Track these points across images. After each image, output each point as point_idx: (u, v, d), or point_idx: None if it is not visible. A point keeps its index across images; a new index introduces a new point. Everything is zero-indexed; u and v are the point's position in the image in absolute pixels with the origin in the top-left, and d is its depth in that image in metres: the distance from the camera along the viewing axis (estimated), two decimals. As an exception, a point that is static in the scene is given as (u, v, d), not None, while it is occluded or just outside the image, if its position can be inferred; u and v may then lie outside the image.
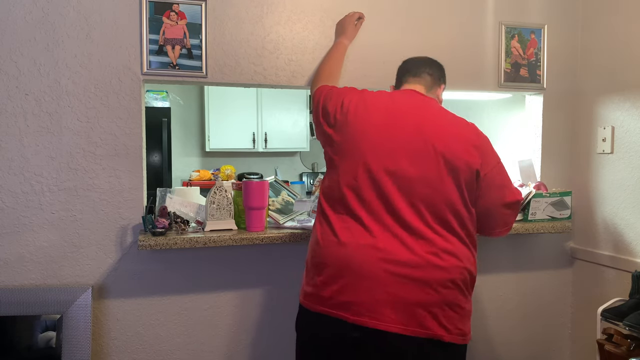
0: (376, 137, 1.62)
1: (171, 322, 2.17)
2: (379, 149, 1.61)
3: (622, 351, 2.03)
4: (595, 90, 2.49)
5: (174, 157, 5.10)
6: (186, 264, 2.17)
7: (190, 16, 2.11)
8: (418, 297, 1.50)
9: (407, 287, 1.50)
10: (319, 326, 1.61)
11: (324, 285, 1.58)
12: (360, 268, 1.53)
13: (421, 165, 1.58)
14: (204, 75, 2.13)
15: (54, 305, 1.98)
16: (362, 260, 1.54)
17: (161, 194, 2.22)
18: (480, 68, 2.46)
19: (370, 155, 1.60)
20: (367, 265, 1.53)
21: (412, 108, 1.68)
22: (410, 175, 1.57)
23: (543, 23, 2.52)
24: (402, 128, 1.62)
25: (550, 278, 2.64)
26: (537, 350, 2.65)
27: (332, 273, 1.57)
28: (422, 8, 2.38)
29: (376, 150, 1.61)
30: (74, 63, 2.02)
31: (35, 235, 2.02)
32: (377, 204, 1.58)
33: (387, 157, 1.59)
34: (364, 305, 1.51)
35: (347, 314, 1.53)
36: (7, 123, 1.98)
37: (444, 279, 1.53)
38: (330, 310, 1.56)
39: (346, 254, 1.56)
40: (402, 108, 1.67)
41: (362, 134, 1.64)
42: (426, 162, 1.58)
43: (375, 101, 1.70)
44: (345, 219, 1.61)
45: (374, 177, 1.59)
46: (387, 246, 1.54)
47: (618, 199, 2.38)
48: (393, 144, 1.60)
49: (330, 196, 1.66)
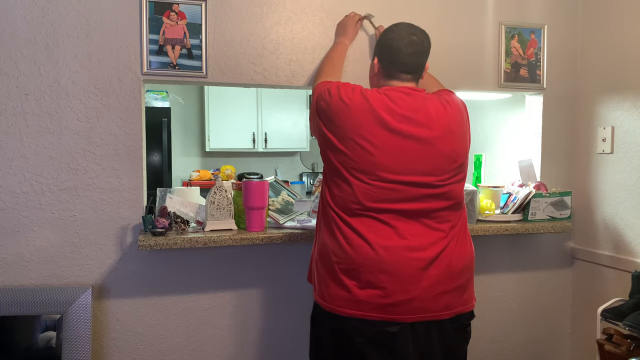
0: (388, 146, 1.61)
1: (171, 322, 2.17)
2: (392, 157, 1.61)
3: (622, 351, 2.03)
4: (595, 90, 2.49)
5: (174, 157, 5.10)
6: (186, 264, 2.17)
7: (190, 16, 2.11)
8: (446, 286, 1.61)
9: (437, 280, 1.60)
10: (355, 330, 1.61)
11: (358, 289, 1.58)
12: (396, 270, 1.57)
13: (431, 167, 1.62)
14: (204, 75, 2.13)
15: (54, 305, 1.98)
16: (396, 261, 1.58)
17: (161, 194, 2.22)
18: (480, 68, 2.46)
19: (384, 164, 1.60)
20: (402, 267, 1.58)
21: (415, 112, 1.65)
22: (426, 180, 1.61)
23: (543, 23, 2.52)
24: (410, 135, 1.62)
25: (550, 278, 2.64)
26: (537, 350, 2.65)
27: (367, 277, 1.58)
28: (422, 8, 2.38)
29: (389, 158, 1.60)
30: (74, 63, 2.02)
31: (35, 235, 2.02)
32: (397, 206, 1.60)
33: (400, 163, 1.60)
34: (402, 305, 1.57)
35: (386, 314, 1.58)
36: (7, 123, 1.98)
37: (465, 266, 1.67)
38: (368, 313, 1.58)
39: (380, 258, 1.58)
40: (404, 115, 1.64)
41: (371, 145, 1.61)
42: (435, 162, 1.62)
43: (380, 106, 1.65)
44: (368, 222, 1.61)
45: (390, 186, 1.60)
46: (416, 245, 1.59)
47: (618, 199, 2.38)
48: (404, 150, 1.61)
49: (345, 206, 1.64)
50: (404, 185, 1.60)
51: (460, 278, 1.65)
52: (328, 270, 1.65)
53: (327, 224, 1.68)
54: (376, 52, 1.78)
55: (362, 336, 1.60)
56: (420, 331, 1.61)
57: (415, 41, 1.71)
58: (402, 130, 1.60)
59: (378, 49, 1.77)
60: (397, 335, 1.59)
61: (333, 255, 1.63)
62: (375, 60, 1.77)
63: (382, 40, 1.76)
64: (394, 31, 1.73)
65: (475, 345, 2.55)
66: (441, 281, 1.60)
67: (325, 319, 1.67)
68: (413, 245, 1.59)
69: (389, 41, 1.73)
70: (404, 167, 1.60)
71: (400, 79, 1.72)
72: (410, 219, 1.61)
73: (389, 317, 1.58)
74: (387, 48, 1.73)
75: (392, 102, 1.64)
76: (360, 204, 1.60)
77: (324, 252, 1.67)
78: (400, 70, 1.71)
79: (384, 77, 1.75)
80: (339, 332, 1.65)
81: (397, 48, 1.70)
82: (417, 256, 1.58)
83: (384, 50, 1.74)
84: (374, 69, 1.78)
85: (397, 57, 1.71)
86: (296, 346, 2.30)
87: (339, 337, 1.65)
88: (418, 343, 1.61)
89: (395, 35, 1.72)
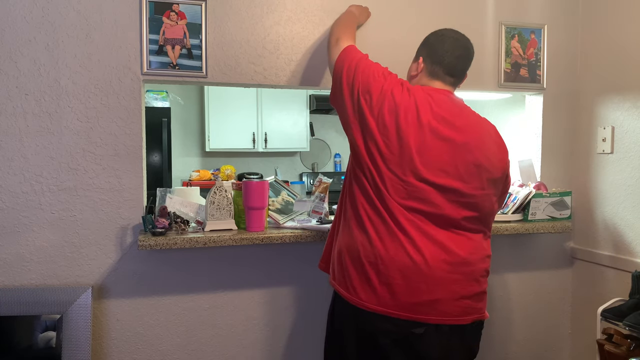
0: (425, 144, 1.61)
1: (171, 322, 2.17)
2: (428, 155, 1.61)
3: (622, 351, 2.03)
4: (595, 90, 2.49)
5: (174, 157, 5.10)
6: (186, 264, 2.17)
7: (190, 16, 2.11)
8: (468, 292, 1.64)
9: (461, 285, 1.62)
10: (381, 330, 1.61)
11: (385, 287, 1.59)
12: (423, 270, 1.58)
13: (463, 171, 1.62)
14: (204, 75, 2.13)
15: (54, 305, 1.98)
16: (424, 262, 1.59)
17: (161, 194, 2.22)
18: (480, 68, 2.46)
19: (419, 164, 1.60)
20: (429, 268, 1.59)
21: (452, 118, 1.65)
22: (455, 186, 1.62)
23: (543, 23, 2.52)
24: (448, 138, 1.63)
25: (550, 278, 2.64)
26: (537, 350, 2.65)
27: (395, 275, 1.59)
28: (422, 8, 2.38)
29: (425, 156, 1.61)
30: (74, 63, 2.02)
31: (35, 235, 2.02)
32: (425, 207, 1.61)
33: (434, 163, 1.61)
34: (429, 305, 1.59)
35: (411, 314, 1.59)
36: (7, 123, 1.98)
37: (483, 276, 1.70)
38: (394, 311, 1.59)
39: (409, 258, 1.59)
40: (445, 118, 1.64)
41: (407, 143, 1.61)
42: (467, 168, 1.63)
43: (423, 105, 1.65)
44: (395, 219, 1.61)
45: (421, 185, 1.60)
46: (442, 247, 1.60)
47: (618, 199, 2.38)
48: (440, 150, 1.62)
49: (371, 200, 1.64)
50: (434, 187, 1.60)
51: (479, 286, 1.68)
52: (355, 263, 1.65)
53: (355, 215, 1.67)
54: (421, 52, 1.79)
55: (388, 337, 1.61)
56: (444, 333, 1.62)
57: (463, 45, 1.75)
58: (441, 131, 1.61)
59: (424, 49, 1.78)
60: (423, 337, 1.60)
61: (362, 249, 1.63)
62: (420, 60, 1.77)
63: (430, 40, 1.77)
64: (443, 34, 1.75)
65: (475, 345, 2.55)
66: (464, 286, 1.63)
67: (349, 313, 1.67)
68: (440, 248, 1.60)
69: (439, 42, 1.74)
70: (437, 167, 1.60)
71: (443, 81, 1.73)
72: (436, 221, 1.62)
73: (414, 317, 1.59)
74: (435, 48, 1.74)
75: (435, 103, 1.65)
76: (391, 198, 1.60)
77: (352, 245, 1.66)
78: (445, 71, 1.72)
79: (427, 76, 1.75)
80: (362, 331, 1.65)
81: (446, 50, 1.72)
82: (443, 258, 1.60)
83: (432, 50, 1.75)
84: (417, 69, 1.77)
85: (444, 58, 1.72)
86: (297, 345, 2.30)
87: (362, 335, 1.65)
88: (441, 344, 1.63)
89: (445, 37, 1.74)
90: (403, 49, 2.34)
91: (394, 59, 2.35)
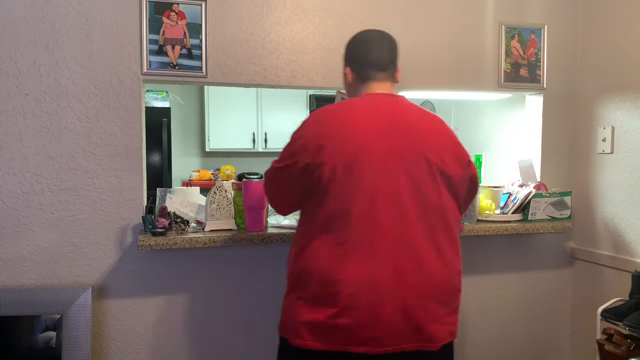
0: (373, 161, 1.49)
1: (171, 322, 2.17)
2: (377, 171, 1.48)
3: (622, 351, 2.03)
4: (595, 90, 2.49)
5: (174, 157, 5.10)
6: (186, 264, 2.17)
7: (190, 16, 2.11)
8: (427, 316, 1.46)
9: (419, 310, 1.45)
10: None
11: (337, 319, 1.42)
12: (378, 298, 1.42)
13: (420, 181, 1.49)
14: (204, 75, 2.13)
15: (54, 305, 1.98)
16: (377, 288, 1.43)
17: (161, 194, 2.22)
18: (480, 68, 2.46)
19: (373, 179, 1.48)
20: (383, 296, 1.43)
21: (394, 122, 1.52)
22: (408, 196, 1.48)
23: (543, 23, 2.52)
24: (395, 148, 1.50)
25: (550, 278, 2.64)
26: (537, 350, 2.65)
27: (349, 304, 1.42)
28: (422, 8, 2.38)
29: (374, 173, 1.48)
30: (74, 63, 2.02)
31: (35, 235, 2.02)
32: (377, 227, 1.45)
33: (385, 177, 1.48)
34: (385, 339, 1.43)
35: (368, 348, 1.43)
36: (7, 123, 1.98)
37: (446, 291, 1.51)
38: (348, 347, 1.43)
39: (362, 284, 1.42)
40: (385, 124, 1.51)
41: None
42: (424, 176, 1.50)
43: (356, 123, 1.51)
44: (345, 243, 1.44)
45: (374, 201, 1.46)
46: (398, 271, 1.44)
47: (618, 199, 2.38)
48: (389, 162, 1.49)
49: (319, 221, 1.49)
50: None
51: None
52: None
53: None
54: (346, 62, 1.68)
55: None
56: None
57: (380, 36, 1.65)
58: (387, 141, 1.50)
59: (347, 58, 1.68)
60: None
61: None
62: (347, 70, 1.67)
63: (348, 47, 1.69)
64: (358, 37, 1.67)
65: (476, 345, 2.55)
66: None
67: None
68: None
69: (355, 44, 1.67)
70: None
71: (376, 79, 1.62)
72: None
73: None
74: (355, 50, 1.66)
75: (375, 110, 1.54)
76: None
77: None
78: (374, 67, 1.62)
79: (360, 81, 1.64)
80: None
81: (365, 47, 1.64)
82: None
83: (353, 54, 1.67)
84: (348, 78, 1.67)
85: (368, 55, 1.63)
86: (296, 346, 2.30)
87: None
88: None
89: (360, 37, 1.67)
90: (403, 49, 2.34)
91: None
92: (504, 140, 3.02)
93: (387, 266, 1.43)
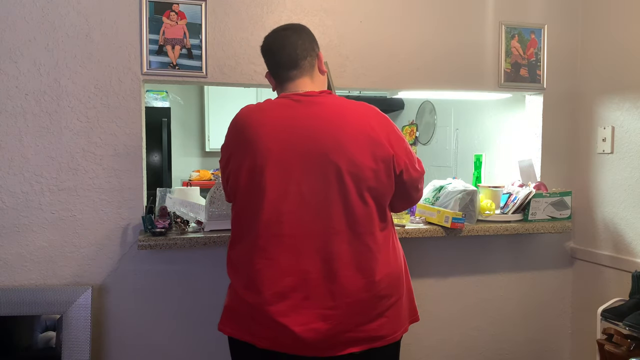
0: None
1: (171, 322, 2.17)
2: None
3: (622, 351, 2.03)
4: (595, 90, 2.49)
5: (174, 157, 5.10)
6: (186, 264, 2.17)
7: (190, 16, 2.11)
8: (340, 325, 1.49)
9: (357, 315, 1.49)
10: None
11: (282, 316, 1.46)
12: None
13: (324, 185, 1.46)
14: (204, 75, 2.13)
15: (54, 305, 1.98)
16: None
17: (161, 194, 2.22)
18: (480, 68, 2.46)
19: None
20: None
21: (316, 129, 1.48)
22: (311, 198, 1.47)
23: (543, 23, 2.52)
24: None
25: (550, 278, 2.64)
26: (537, 350, 2.65)
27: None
28: (422, 8, 2.38)
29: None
30: (74, 63, 2.02)
31: (35, 235, 2.02)
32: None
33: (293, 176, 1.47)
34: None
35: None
36: (7, 123, 1.98)
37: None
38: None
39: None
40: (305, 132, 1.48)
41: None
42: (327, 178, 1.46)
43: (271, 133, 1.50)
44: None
45: (277, 209, 1.47)
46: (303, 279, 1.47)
47: (618, 199, 2.38)
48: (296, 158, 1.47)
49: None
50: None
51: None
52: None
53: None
54: (267, 68, 1.67)
55: None
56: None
57: (283, 35, 1.61)
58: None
59: (267, 64, 1.66)
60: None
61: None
62: (267, 75, 1.67)
63: (262, 53, 1.66)
64: (264, 42, 1.65)
65: (476, 345, 2.55)
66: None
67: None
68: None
69: (263, 50, 1.65)
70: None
71: (289, 79, 1.59)
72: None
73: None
74: (265, 57, 1.64)
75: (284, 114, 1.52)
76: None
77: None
78: (285, 68, 1.59)
79: (279, 84, 1.63)
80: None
81: (271, 51, 1.62)
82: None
83: (265, 60, 1.64)
84: (271, 84, 1.67)
85: (274, 58, 1.61)
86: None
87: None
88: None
89: (265, 41, 1.64)
90: (403, 48, 2.35)
91: (394, 58, 2.35)
92: (504, 140, 3.02)
93: (294, 273, 1.46)
